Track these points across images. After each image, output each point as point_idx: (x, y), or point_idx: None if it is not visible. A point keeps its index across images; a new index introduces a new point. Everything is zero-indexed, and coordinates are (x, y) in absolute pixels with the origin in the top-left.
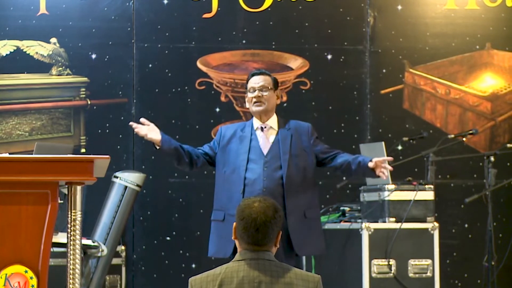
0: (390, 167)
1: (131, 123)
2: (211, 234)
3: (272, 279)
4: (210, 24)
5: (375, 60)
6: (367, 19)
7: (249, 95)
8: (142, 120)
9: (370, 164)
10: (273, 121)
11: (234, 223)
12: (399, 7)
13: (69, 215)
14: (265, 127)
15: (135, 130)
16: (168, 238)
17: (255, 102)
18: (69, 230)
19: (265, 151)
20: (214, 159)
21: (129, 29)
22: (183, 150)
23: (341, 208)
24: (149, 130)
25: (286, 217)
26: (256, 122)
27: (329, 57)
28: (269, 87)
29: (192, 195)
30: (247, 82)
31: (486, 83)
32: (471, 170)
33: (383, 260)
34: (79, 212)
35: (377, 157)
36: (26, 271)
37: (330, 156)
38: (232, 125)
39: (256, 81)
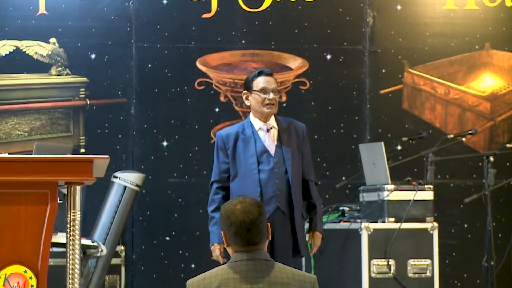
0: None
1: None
2: None
3: (269, 279)
4: (210, 24)
5: (375, 60)
6: (367, 19)
7: (262, 95)
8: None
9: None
10: (273, 120)
11: (222, 231)
12: (399, 7)
13: (69, 215)
14: (270, 128)
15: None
16: (167, 238)
17: (267, 104)
18: (68, 230)
19: (272, 152)
20: None
21: (128, 29)
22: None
23: (341, 208)
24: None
25: (294, 218)
26: (257, 123)
27: (329, 57)
28: (279, 90)
29: (192, 195)
30: (252, 80)
31: (485, 83)
32: (471, 170)
33: (383, 260)
34: (79, 212)
35: (377, 157)
36: (25, 271)
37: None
38: (229, 129)
39: (270, 83)
